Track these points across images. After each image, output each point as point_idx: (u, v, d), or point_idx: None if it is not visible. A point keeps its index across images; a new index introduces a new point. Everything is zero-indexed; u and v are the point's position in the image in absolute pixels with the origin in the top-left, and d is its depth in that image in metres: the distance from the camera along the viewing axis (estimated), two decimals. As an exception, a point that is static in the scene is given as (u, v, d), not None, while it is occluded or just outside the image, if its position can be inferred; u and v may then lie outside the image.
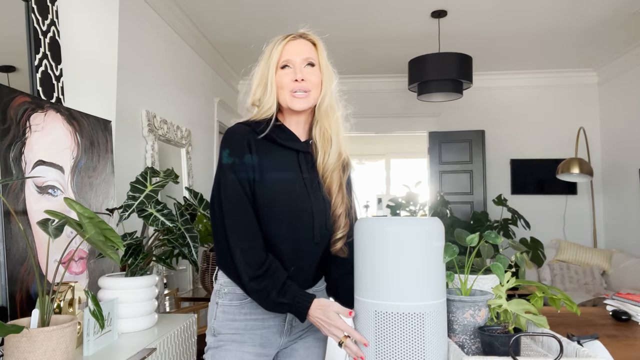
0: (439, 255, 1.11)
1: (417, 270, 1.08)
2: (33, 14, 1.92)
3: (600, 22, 3.80)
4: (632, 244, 4.56)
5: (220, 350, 1.25)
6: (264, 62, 1.28)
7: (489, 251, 1.44)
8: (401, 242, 1.08)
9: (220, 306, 1.27)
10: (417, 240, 1.08)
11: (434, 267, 1.09)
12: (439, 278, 1.11)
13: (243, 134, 1.23)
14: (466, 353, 1.21)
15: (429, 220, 1.11)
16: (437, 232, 1.11)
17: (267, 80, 1.26)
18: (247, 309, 1.26)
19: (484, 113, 5.28)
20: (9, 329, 1.10)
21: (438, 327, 1.09)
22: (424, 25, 3.85)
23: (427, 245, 1.08)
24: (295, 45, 1.27)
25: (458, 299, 1.22)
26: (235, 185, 1.19)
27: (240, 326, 1.26)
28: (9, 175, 1.54)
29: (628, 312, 1.71)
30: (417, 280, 1.08)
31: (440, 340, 1.10)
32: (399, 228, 1.09)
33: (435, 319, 1.08)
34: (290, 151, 1.28)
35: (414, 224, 1.11)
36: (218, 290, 1.28)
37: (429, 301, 1.08)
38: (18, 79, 1.86)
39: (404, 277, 1.07)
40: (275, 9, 3.53)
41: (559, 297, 1.29)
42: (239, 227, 1.19)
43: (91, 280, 1.90)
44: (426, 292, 1.08)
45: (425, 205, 6.85)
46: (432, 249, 1.09)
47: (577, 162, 4.46)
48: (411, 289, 1.07)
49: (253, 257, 1.18)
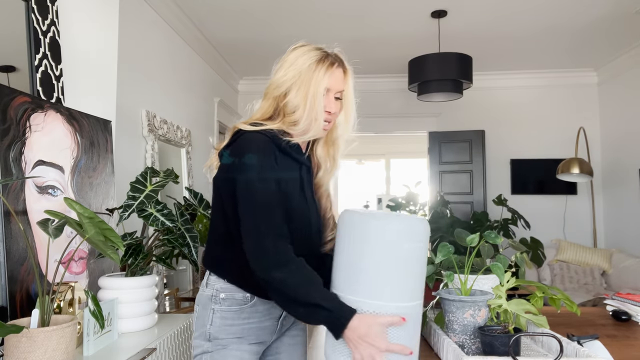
0: (418, 256, 1.07)
1: (392, 269, 1.05)
2: (33, 14, 1.92)
3: (600, 21, 3.80)
4: (632, 244, 4.56)
5: (219, 352, 1.24)
6: (313, 86, 1.23)
7: (489, 251, 1.44)
8: (380, 239, 1.05)
9: (218, 312, 1.24)
10: (397, 239, 1.05)
11: (411, 268, 1.06)
12: (417, 280, 1.08)
13: (268, 142, 1.21)
14: (466, 353, 1.21)
15: (413, 219, 1.08)
16: (420, 232, 1.07)
17: (318, 107, 1.23)
18: (246, 314, 1.25)
19: (484, 113, 5.28)
20: (9, 329, 1.10)
21: (406, 332, 1.06)
22: (424, 25, 3.85)
23: (406, 245, 1.05)
24: (337, 75, 1.27)
25: (458, 299, 1.22)
26: (270, 196, 1.15)
27: (238, 330, 1.25)
28: (9, 175, 1.54)
29: (628, 312, 1.71)
30: (391, 281, 1.05)
31: (416, 340, 1.09)
32: (381, 223, 1.06)
33: (408, 322, 1.06)
34: (296, 163, 1.28)
35: (396, 221, 1.07)
36: (213, 296, 1.25)
37: (404, 302, 1.05)
38: (18, 79, 1.86)
39: (376, 275, 1.04)
40: (275, 9, 3.53)
41: (559, 297, 1.29)
42: (273, 222, 1.14)
43: (91, 280, 1.90)
44: (400, 294, 1.05)
45: (425, 205, 6.85)
46: (412, 249, 1.06)
47: (577, 162, 4.46)
48: (383, 289, 1.04)
49: (284, 246, 1.13)
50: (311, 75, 1.23)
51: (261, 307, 1.26)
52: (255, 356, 1.27)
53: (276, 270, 1.10)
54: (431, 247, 4.36)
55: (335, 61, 1.28)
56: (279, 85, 1.26)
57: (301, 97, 1.22)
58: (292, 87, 1.24)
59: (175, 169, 2.82)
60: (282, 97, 1.25)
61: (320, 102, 1.22)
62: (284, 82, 1.25)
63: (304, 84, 1.23)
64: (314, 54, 1.27)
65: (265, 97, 1.30)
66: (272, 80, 1.29)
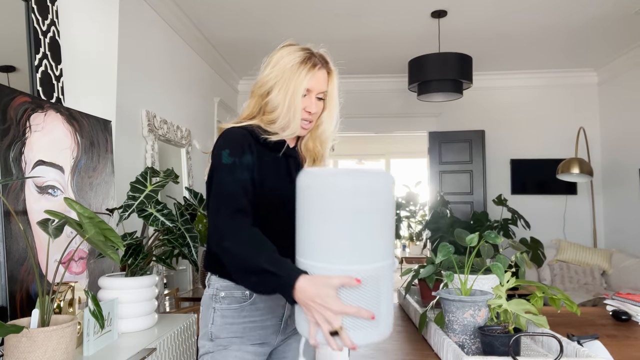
0: (371, 213, 0.98)
1: (339, 229, 0.96)
2: (33, 14, 1.92)
3: (601, 21, 3.80)
4: (632, 244, 4.56)
5: (220, 352, 1.24)
6: (292, 86, 1.25)
7: (489, 251, 1.44)
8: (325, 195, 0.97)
9: (218, 310, 1.25)
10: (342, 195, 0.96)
11: (362, 227, 0.97)
12: (376, 239, 0.99)
13: (243, 136, 1.24)
14: (466, 353, 1.21)
15: (363, 173, 0.99)
16: (383, 189, 0.99)
17: (295, 107, 1.26)
18: (247, 312, 1.25)
19: (484, 113, 5.28)
20: (9, 329, 1.10)
21: (367, 295, 0.97)
22: (424, 25, 3.85)
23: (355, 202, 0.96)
24: (319, 77, 1.29)
25: (458, 299, 1.22)
26: (236, 184, 1.18)
27: (239, 329, 1.25)
28: (9, 175, 1.54)
29: (628, 312, 1.71)
30: (339, 241, 0.97)
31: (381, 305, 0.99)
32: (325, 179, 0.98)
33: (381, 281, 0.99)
34: (282, 157, 1.30)
35: (357, 177, 0.98)
36: (214, 294, 1.26)
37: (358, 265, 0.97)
38: (18, 79, 1.86)
39: (324, 236, 0.97)
40: (274, 8, 3.53)
41: (559, 297, 1.29)
42: (234, 204, 1.15)
43: (91, 280, 1.90)
44: (353, 255, 0.97)
45: (425, 205, 6.84)
46: (361, 206, 0.96)
47: (577, 162, 4.46)
48: (331, 250, 0.97)
49: (240, 219, 1.13)
50: (293, 76, 1.26)
51: (262, 305, 1.26)
52: (257, 358, 1.26)
53: (226, 241, 1.09)
54: (431, 247, 4.36)
55: (319, 62, 1.30)
56: (263, 84, 1.29)
57: (281, 97, 1.25)
58: (275, 86, 1.27)
59: (175, 169, 2.82)
60: (265, 95, 1.28)
61: (298, 103, 1.25)
62: (268, 81, 1.28)
63: (285, 84, 1.26)
64: (298, 55, 1.28)
65: (252, 95, 1.33)
66: (258, 78, 1.31)
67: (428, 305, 1.64)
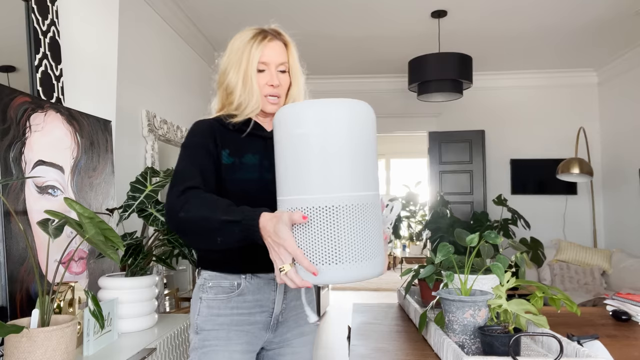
0: (365, 141, 0.96)
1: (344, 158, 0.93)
2: (33, 14, 1.92)
3: (601, 22, 3.80)
4: (632, 244, 4.56)
5: (206, 352, 1.19)
6: (244, 62, 1.25)
7: (489, 251, 1.45)
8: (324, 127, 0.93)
9: (204, 300, 1.22)
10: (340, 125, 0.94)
11: (362, 156, 0.95)
12: (370, 168, 0.97)
13: (209, 125, 1.24)
14: (466, 353, 1.21)
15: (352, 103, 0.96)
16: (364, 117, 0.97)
17: (251, 82, 1.24)
18: (234, 303, 1.22)
19: (484, 113, 5.28)
20: (9, 329, 1.10)
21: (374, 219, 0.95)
22: (424, 25, 3.85)
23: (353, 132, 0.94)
24: (273, 48, 1.26)
25: (458, 299, 1.22)
26: (189, 164, 1.16)
27: (225, 321, 1.20)
28: (9, 175, 1.54)
29: (628, 312, 1.71)
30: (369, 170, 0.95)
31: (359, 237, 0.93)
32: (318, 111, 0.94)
33: (375, 209, 0.96)
34: (257, 139, 1.27)
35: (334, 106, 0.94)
36: (202, 284, 1.24)
37: (374, 190, 0.96)
38: (18, 79, 1.86)
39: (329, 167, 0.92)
40: (274, 8, 3.53)
41: (559, 297, 1.29)
42: (186, 183, 1.11)
43: (91, 280, 1.90)
44: (374, 179, 0.96)
45: (425, 205, 6.86)
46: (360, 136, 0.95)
47: (577, 162, 4.47)
48: (363, 179, 0.94)
49: (189, 191, 1.09)
50: (244, 53, 1.25)
51: (250, 297, 1.22)
52: (245, 356, 1.21)
53: (180, 212, 1.05)
54: (431, 247, 4.36)
55: (270, 34, 1.27)
56: (221, 72, 1.28)
57: (238, 76, 1.24)
58: (229, 69, 1.26)
59: (175, 169, 2.81)
60: (224, 81, 1.27)
61: (253, 77, 1.23)
62: (226, 67, 1.27)
63: (237, 63, 1.25)
64: (249, 33, 1.27)
65: (218, 89, 1.32)
66: (219, 67, 1.31)
67: (428, 305, 1.64)
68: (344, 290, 6.82)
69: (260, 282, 1.23)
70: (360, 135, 0.95)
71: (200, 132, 1.22)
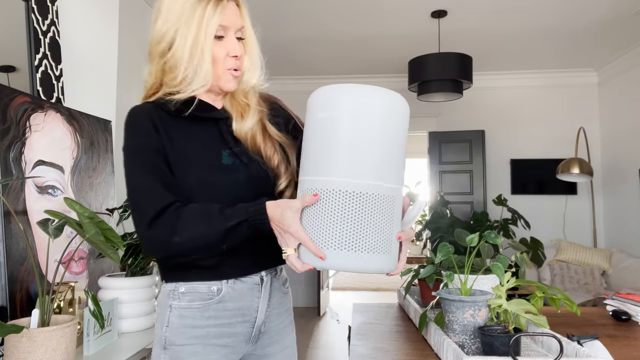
0: (397, 135, 0.94)
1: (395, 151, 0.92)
2: (33, 14, 1.92)
3: (601, 22, 3.80)
4: (632, 244, 4.56)
5: None
6: (195, 26, 1.00)
7: (489, 251, 1.45)
8: (359, 113, 0.91)
9: (176, 309, 1.02)
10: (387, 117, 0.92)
11: (392, 148, 0.92)
12: (398, 162, 0.94)
13: (145, 112, 1.03)
14: (466, 353, 1.21)
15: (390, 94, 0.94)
16: (401, 110, 0.95)
17: (202, 54, 1.01)
18: (212, 312, 1.02)
19: (484, 113, 5.28)
20: (9, 329, 1.10)
21: (394, 213, 0.93)
22: (424, 25, 3.85)
23: (387, 122, 0.92)
24: (231, 9, 1.04)
25: (458, 299, 1.22)
26: (148, 180, 0.98)
27: (201, 334, 1.01)
28: (9, 175, 1.54)
29: (628, 312, 1.71)
30: (393, 162, 0.92)
31: (392, 227, 0.93)
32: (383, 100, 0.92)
33: (399, 201, 0.94)
34: (208, 123, 1.08)
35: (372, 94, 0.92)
36: (172, 290, 1.03)
37: (397, 183, 0.93)
38: (18, 79, 1.86)
39: (359, 153, 0.90)
40: (274, 9, 3.53)
41: (559, 297, 1.29)
42: (153, 201, 0.96)
43: (91, 280, 1.90)
44: (397, 172, 0.93)
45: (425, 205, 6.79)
46: (393, 128, 0.93)
47: (577, 162, 4.47)
48: (386, 170, 0.91)
49: (169, 216, 0.96)
50: (194, 15, 1.00)
51: (231, 305, 1.04)
52: None
53: (172, 238, 0.94)
54: (431, 247, 4.36)
55: None
56: (160, 39, 1.03)
57: (186, 44, 1.00)
58: (176, 35, 1.01)
59: (175, 169, 2.81)
60: (167, 50, 1.03)
61: (207, 45, 1.01)
62: (165, 33, 1.02)
63: (185, 27, 1.01)
64: None
65: (150, 60, 1.07)
66: (152, 35, 1.05)
67: (428, 305, 1.64)
68: (344, 290, 6.82)
69: (244, 288, 1.06)
70: (393, 127, 0.93)
71: (140, 131, 1.01)
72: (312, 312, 5.26)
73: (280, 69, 5.06)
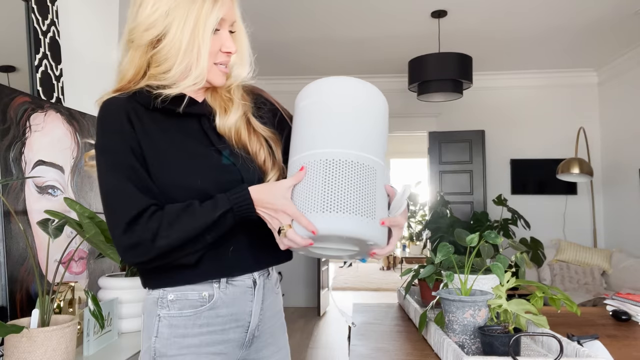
0: (372, 116, 1.02)
1: (370, 129, 1.00)
2: (33, 14, 1.92)
3: (601, 22, 3.80)
4: (632, 244, 4.56)
5: None
6: (193, 17, 0.93)
7: (489, 251, 1.45)
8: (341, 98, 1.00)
9: (165, 319, 0.96)
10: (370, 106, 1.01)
11: (367, 126, 1.00)
12: (381, 141, 1.03)
13: (119, 106, 0.95)
14: (466, 353, 1.21)
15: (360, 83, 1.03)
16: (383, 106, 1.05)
17: (200, 46, 0.95)
18: (204, 319, 0.98)
19: (484, 113, 5.28)
20: (9, 329, 1.10)
21: (376, 183, 0.99)
22: (424, 25, 3.85)
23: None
24: (227, 2, 0.98)
25: (458, 299, 1.22)
26: (123, 183, 0.92)
27: (193, 343, 0.96)
28: (9, 175, 1.54)
29: (628, 312, 1.71)
30: (370, 138, 1.00)
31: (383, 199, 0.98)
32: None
33: (380, 176, 1.00)
34: (190, 119, 1.01)
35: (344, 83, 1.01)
36: (160, 297, 0.98)
37: (376, 157, 1.00)
38: (18, 79, 1.86)
39: (357, 131, 0.98)
40: (275, 9, 3.53)
41: (559, 297, 1.29)
42: (129, 203, 0.91)
43: (91, 280, 1.90)
44: (376, 149, 1.00)
45: (425, 205, 6.85)
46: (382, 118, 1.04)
47: (577, 162, 4.47)
48: (363, 143, 0.98)
49: (149, 218, 0.91)
50: (193, 6, 0.94)
51: (224, 311, 1.00)
52: None
53: (156, 241, 0.89)
54: (431, 247, 4.36)
55: None
56: (149, 27, 0.94)
57: (183, 34, 0.93)
58: (170, 26, 0.94)
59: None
60: (156, 42, 0.96)
61: (205, 40, 0.95)
62: (156, 22, 0.94)
63: (183, 20, 0.93)
64: None
65: (132, 47, 0.97)
66: (137, 22, 0.95)
67: (428, 305, 1.64)
68: (344, 290, 6.82)
69: (236, 292, 1.01)
70: (372, 110, 1.01)
71: (113, 127, 0.94)
72: (312, 312, 5.27)
73: (280, 69, 5.06)
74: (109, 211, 0.92)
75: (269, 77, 5.27)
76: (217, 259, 0.99)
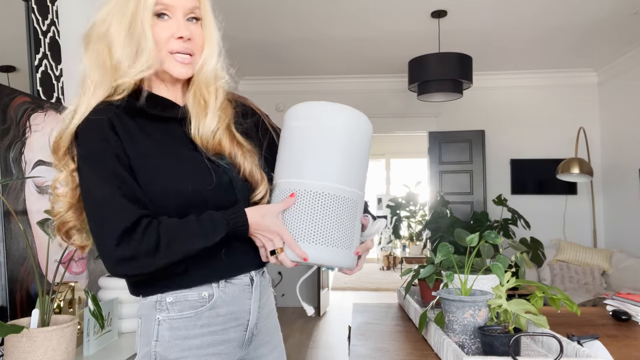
0: (358, 147, 1.05)
1: (358, 162, 1.04)
2: (33, 14, 1.92)
3: (600, 22, 3.80)
4: (632, 244, 4.56)
5: None
6: (132, 4, 0.92)
7: (489, 251, 1.45)
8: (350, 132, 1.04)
9: (165, 322, 0.95)
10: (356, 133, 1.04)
11: (354, 160, 1.04)
12: (362, 172, 1.07)
13: (101, 114, 0.94)
14: (466, 353, 1.21)
15: (353, 112, 1.06)
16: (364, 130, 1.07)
17: (142, 34, 0.92)
18: (205, 320, 0.97)
19: (484, 113, 5.28)
20: (9, 329, 1.10)
21: (356, 215, 1.05)
22: (424, 25, 3.85)
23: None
24: None
25: (458, 299, 1.22)
26: (112, 195, 0.88)
27: (195, 345, 0.96)
28: (9, 175, 1.54)
29: (628, 312, 1.71)
30: (359, 171, 1.05)
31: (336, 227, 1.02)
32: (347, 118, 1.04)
33: (360, 208, 1.06)
34: (172, 123, 0.99)
35: (338, 110, 1.04)
36: (158, 301, 0.96)
37: (360, 190, 1.05)
38: (18, 79, 1.86)
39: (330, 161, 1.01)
40: (275, 8, 3.53)
41: (559, 297, 1.29)
42: (118, 217, 0.88)
43: (91, 280, 1.90)
44: (360, 182, 1.05)
45: (425, 205, 6.85)
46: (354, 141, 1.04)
47: (577, 162, 4.47)
48: (351, 177, 1.02)
49: (142, 232, 0.88)
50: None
51: (224, 310, 0.99)
52: None
53: (155, 260, 0.88)
54: (431, 247, 4.37)
55: None
56: (99, 21, 0.95)
57: (121, 26, 0.92)
58: (113, 21, 0.93)
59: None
60: (106, 32, 0.96)
61: (146, 22, 0.92)
62: (105, 20, 0.94)
63: (121, 11, 0.93)
64: None
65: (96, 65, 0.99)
66: (94, 22, 0.96)
67: (428, 305, 1.64)
68: (344, 290, 6.82)
69: (235, 290, 1.01)
70: (357, 141, 1.05)
71: (96, 136, 0.92)
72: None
73: (280, 69, 5.06)
74: (98, 223, 0.89)
75: (268, 77, 5.27)
76: (211, 264, 0.98)
